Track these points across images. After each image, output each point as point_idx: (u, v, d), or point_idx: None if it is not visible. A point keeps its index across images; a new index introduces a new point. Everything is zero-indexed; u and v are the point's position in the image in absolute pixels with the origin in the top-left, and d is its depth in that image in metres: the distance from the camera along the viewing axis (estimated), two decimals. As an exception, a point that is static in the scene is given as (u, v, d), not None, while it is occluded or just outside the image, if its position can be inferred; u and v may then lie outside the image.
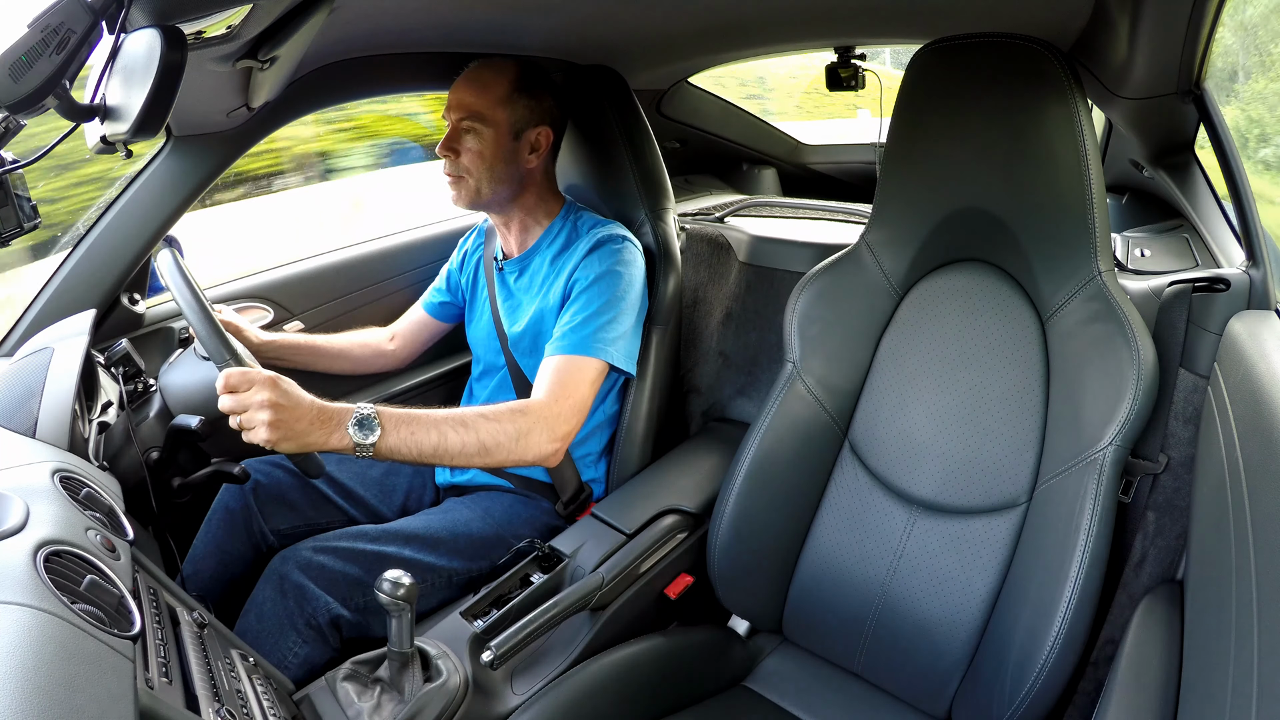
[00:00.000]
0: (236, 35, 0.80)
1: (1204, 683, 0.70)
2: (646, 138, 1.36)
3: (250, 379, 0.87)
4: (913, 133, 1.00)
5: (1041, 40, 0.88)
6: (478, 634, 0.98)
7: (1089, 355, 0.87)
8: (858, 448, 1.08)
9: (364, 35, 1.14)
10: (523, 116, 1.17)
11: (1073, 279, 0.91)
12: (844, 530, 1.07)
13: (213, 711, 0.65)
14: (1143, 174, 1.35)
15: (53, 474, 0.73)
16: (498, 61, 1.18)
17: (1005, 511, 0.95)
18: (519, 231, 1.27)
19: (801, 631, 1.11)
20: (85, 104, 0.70)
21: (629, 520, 1.16)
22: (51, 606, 0.52)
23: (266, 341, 1.27)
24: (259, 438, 0.86)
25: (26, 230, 0.83)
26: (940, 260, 1.04)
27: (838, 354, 1.08)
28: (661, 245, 1.33)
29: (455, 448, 0.97)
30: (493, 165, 1.16)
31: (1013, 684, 0.83)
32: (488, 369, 1.35)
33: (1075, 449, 0.85)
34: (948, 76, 0.95)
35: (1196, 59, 0.90)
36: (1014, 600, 0.90)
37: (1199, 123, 1.07)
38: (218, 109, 1.07)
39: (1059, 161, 0.88)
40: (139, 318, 1.33)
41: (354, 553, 1.04)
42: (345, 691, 0.89)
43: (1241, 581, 0.63)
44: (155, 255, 1.14)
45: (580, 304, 1.14)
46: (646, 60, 1.53)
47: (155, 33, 0.64)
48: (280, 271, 1.59)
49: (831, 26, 1.38)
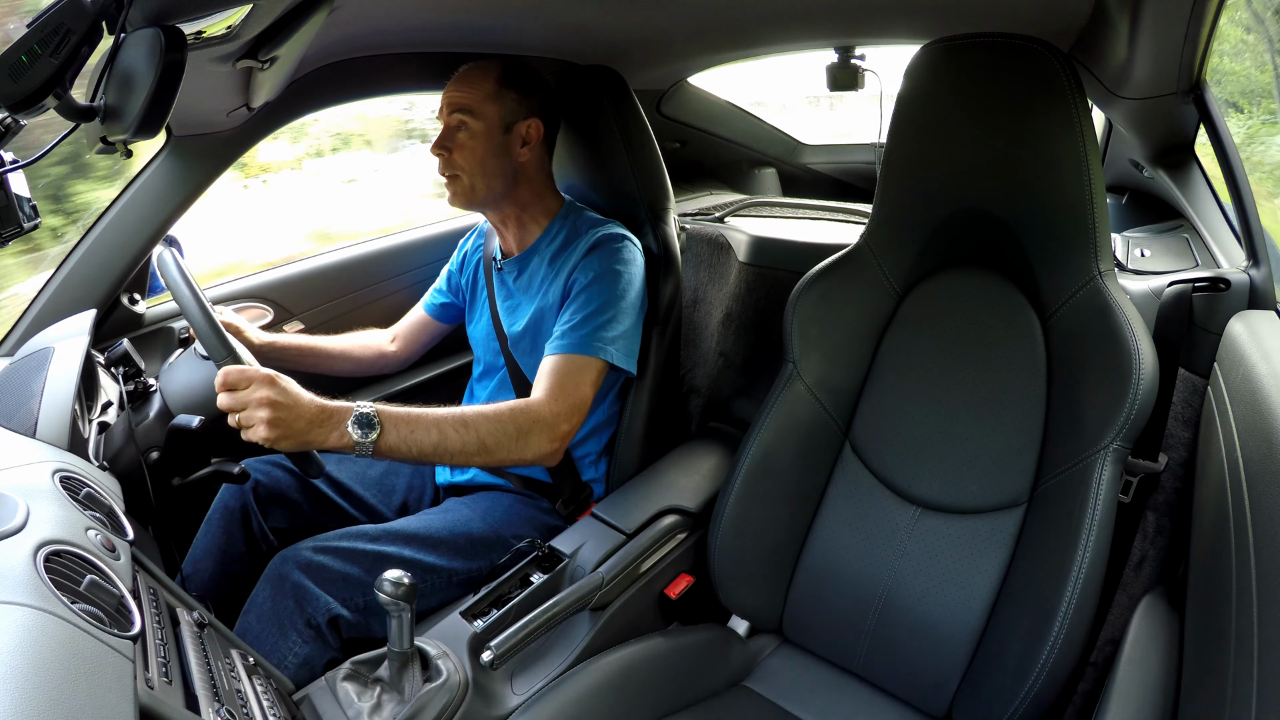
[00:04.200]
0: (236, 35, 0.80)
1: (1204, 682, 0.70)
2: (646, 138, 1.36)
3: (249, 377, 0.87)
4: (913, 133, 1.00)
5: (1041, 40, 0.87)
6: (478, 634, 0.98)
7: (1089, 355, 0.87)
8: (858, 448, 1.08)
9: (364, 35, 1.14)
10: (511, 109, 1.17)
11: (1073, 279, 0.91)
12: (845, 530, 1.06)
13: (213, 711, 0.65)
14: (1143, 174, 1.35)
15: (53, 474, 0.73)
16: (484, 61, 1.19)
17: (1006, 511, 0.95)
18: (517, 231, 1.27)
19: (801, 631, 1.11)
20: (85, 104, 0.70)
21: (629, 520, 1.16)
22: (51, 606, 0.52)
23: (266, 342, 1.27)
24: (258, 436, 0.86)
25: (26, 230, 0.83)
26: (940, 260, 1.04)
27: (838, 354, 1.08)
28: (661, 245, 1.33)
29: (455, 447, 0.97)
30: (484, 160, 1.16)
31: (1013, 684, 0.83)
32: (488, 369, 1.34)
33: (1075, 449, 0.85)
34: (948, 76, 0.95)
35: (1196, 59, 0.90)
36: (1014, 600, 0.90)
37: (1199, 123, 1.07)
38: (218, 109, 1.07)
39: (1059, 161, 0.88)
40: (139, 318, 1.33)
41: (354, 553, 1.04)
42: (345, 691, 0.89)
43: (1241, 581, 0.63)
44: (155, 255, 1.14)
45: (580, 303, 1.14)
46: (646, 60, 1.53)
47: (155, 33, 0.64)
48: (280, 271, 1.59)
49: (831, 26, 1.38)
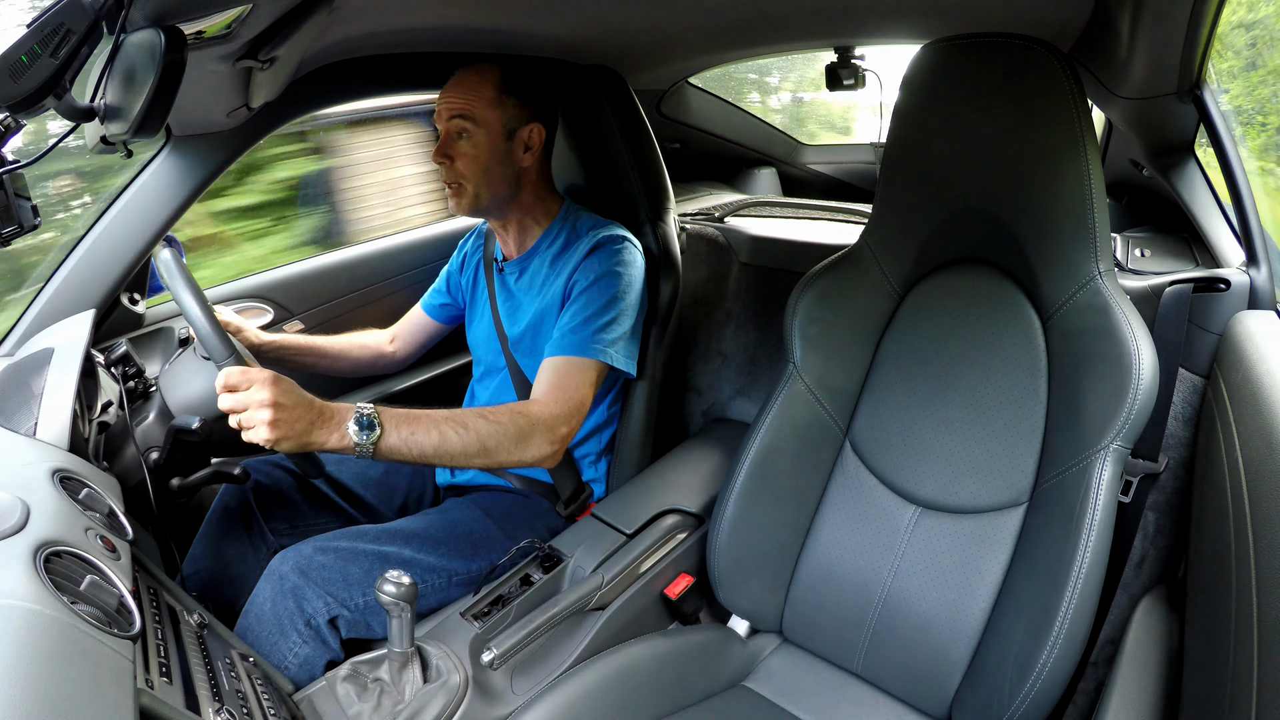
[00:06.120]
0: (236, 35, 0.80)
1: (1204, 682, 0.70)
2: (646, 138, 1.36)
3: (250, 378, 0.87)
4: (913, 133, 1.00)
5: (1041, 40, 0.87)
6: (478, 634, 0.98)
7: (1089, 355, 0.87)
8: (859, 447, 1.08)
9: (363, 36, 1.14)
10: (513, 115, 1.17)
11: (1073, 279, 0.91)
12: (845, 530, 1.06)
13: (213, 711, 0.65)
14: (1143, 174, 1.35)
15: (53, 474, 0.73)
16: (481, 64, 1.18)
17: (1007, 511, 0.95)
18: (518, 232, 1.27)
19: (801, 631, 1.11)
20: (85, 104, 0.70)
21: (629, 520, 1.16)
22: (51, 607, 0.53)
23: (266, 341, 1.27)
24: (258, 437, 0.86)
25: (26, 230, 0.83)
26: (941, 260, 1.04)
27: (838, 354, 1.08)
28: (661, 245, 1.33)
29: (455, 448, 0.97)
30: (488, 167, 1.16)
31: (1013, 684, 0.83)
32: (489, 370, 1.34)
33: (1075, 449, 0.85)
34: (948, 76, 0.95)
35: (1196, 59, 0.90)
36: (1014, 600, 0.90)
37: (1199, 123, 1.07)
38: (218, 109, 1.07)
39: (1059, 161, 0.88)
40: (139, 318, 1.33)
41: (354, 553, 1.04)
42: (345, 692, 0.89)
43: (1241, 581, 0.63)
44: (155, 255, 1.14)
45: (580, 305, 1.14)
46: (646, 60, 1.53)
47: (155, 33, 0.64)
48: (280, 271, 1.59)
49: (831, 26, 1.38)
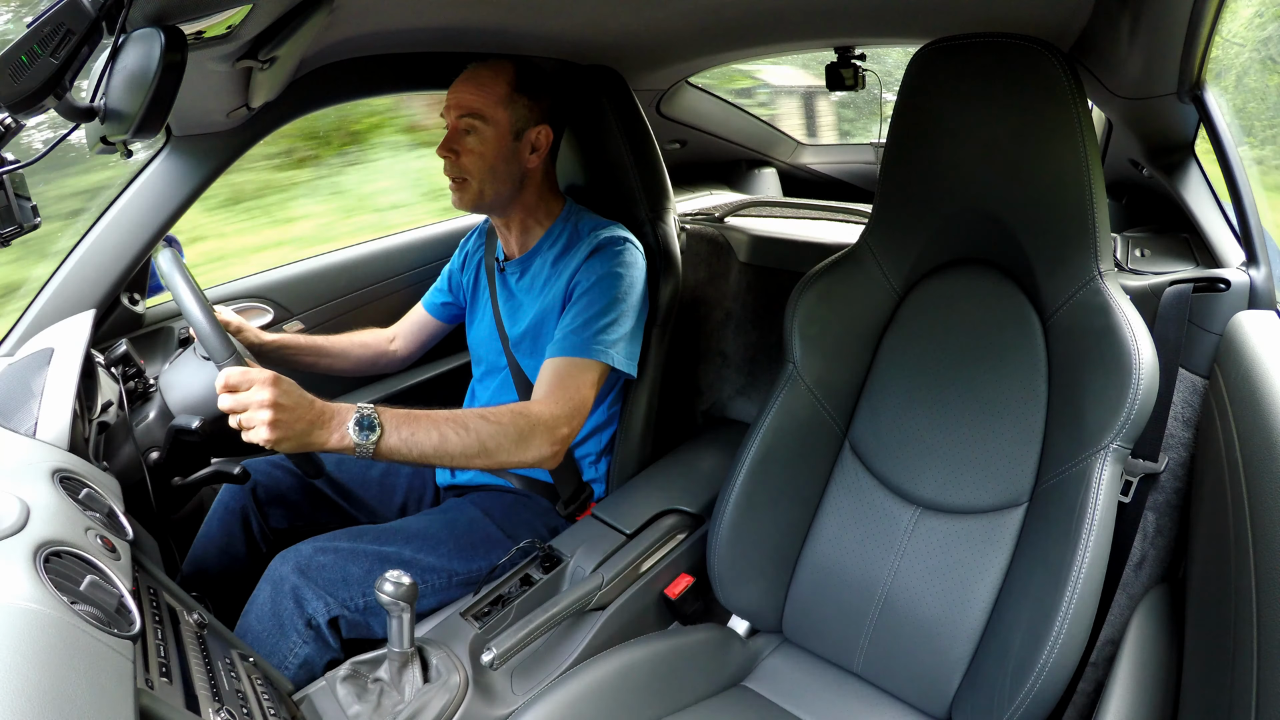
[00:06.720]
0: (236, 35, 0.80)
1: (1203, 682, 0.70)
2: (646, 138, 1.36)
3: (250, 378, 0.87)
4: (913, 133, 1.00)
5: (1041, 40, 0.87)
6: (478, 634, 0.98)
7: (1089, 355, 0.87)
8: (858, 448, 1.08)
9: (364, 36, 1.14)
10: (523, 116, 1.17)
11: (1073, 279, 0.91)
12: (845, 530, 1.06)
13: (212, 711, 0.65)
14: (1143, 174, 1.35)
15: (53, 474, 0.73)
16: (495, 62, 1.18)
17: (1007, 511, 0.95)
18: (520, 232, 1.27)
19: (801, 631, 1.11)
20: (85, 104, 0.70)
21: (629, 520, 1.16)
22: (51, 607, 0.53)
23: (267, 341, 1.27)
24: (259, 437, 0.86)
25: (26, 230, 0.83)
26: (941, 260, 1.04)
27: (838, 354, 1.08)
28: (662, 245, 1.33)
29: (455, 449, 0.97)
30: (494, 165, 1.16)
31: (1013, 684, 0.83)
32: (489, 370, 1.34)
33: (1076, 449, 0.85)
34: (948, 76, 0.95)
35: (1196, 59, 0.90)
36: (1014, 600, 0.90)
37: (1199, 123, 1.07)
38: (218, 109, 1.07)
39: (1059, 161, 0.88)
40: (139, 318, 1.33)
41: (354, 553, 1.04)
42: (345, 692, 0.89)
43: (1241, 581, 0.63)
44: (155, 255, 1.14)
45: (581, 306, 1.14)
46: (646, 60, 1.53)
47: (155, 33, 0.64)
48: (280, 271, 1.59)
49: (831, 26, 1.38)
